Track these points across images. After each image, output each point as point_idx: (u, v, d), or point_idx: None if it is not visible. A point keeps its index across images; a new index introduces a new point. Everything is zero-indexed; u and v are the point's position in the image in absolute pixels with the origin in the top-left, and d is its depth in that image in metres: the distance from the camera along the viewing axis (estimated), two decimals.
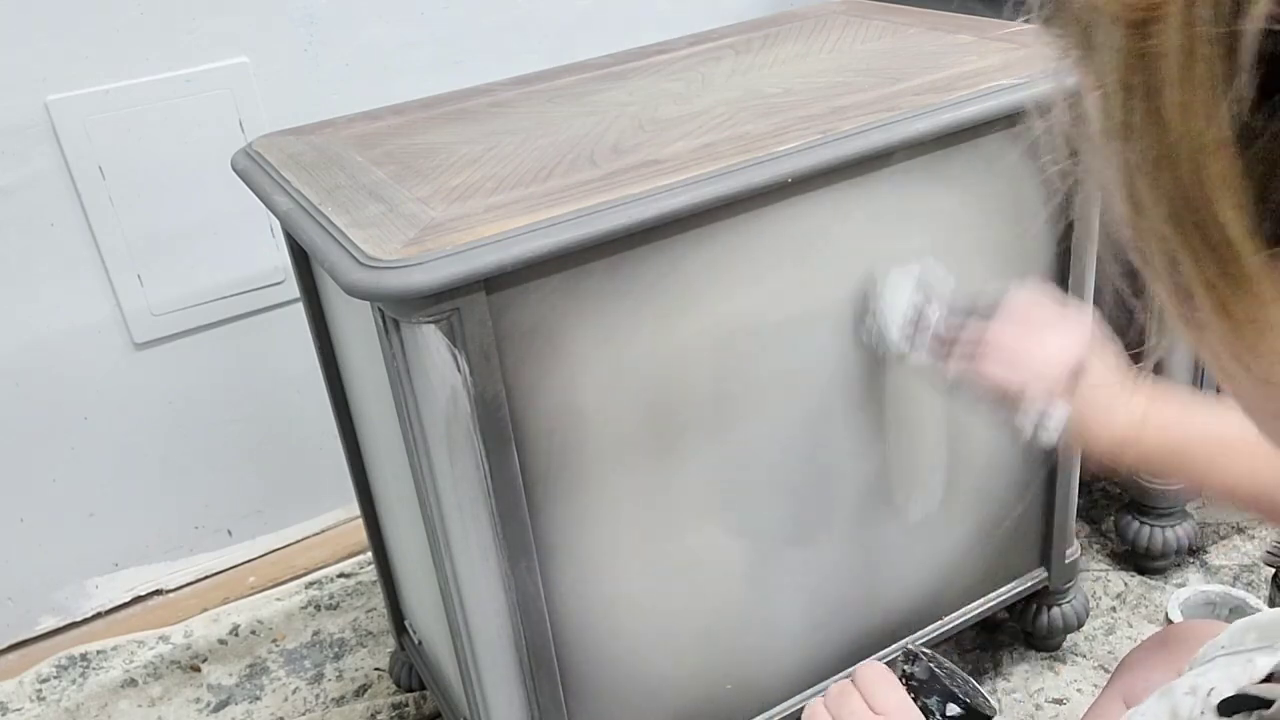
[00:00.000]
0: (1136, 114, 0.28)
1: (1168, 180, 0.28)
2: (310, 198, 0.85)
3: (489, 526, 0.81)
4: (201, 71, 1.29)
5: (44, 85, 1.22)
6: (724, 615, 0.98)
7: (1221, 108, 0.26)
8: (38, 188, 1.25)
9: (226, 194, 1.23)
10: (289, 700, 1.34)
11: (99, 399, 1.35)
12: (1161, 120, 0.27)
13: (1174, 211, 0.28)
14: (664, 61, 1.11)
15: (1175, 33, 0.26)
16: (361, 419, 1.07)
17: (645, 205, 0.77)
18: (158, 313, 1.35)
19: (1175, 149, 0.27)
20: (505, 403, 0.78)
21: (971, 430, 1.05)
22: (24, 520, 1.36)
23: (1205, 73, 0.26)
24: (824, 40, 1.11)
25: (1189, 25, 0.26)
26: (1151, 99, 0.28)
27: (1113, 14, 0.28)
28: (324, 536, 1.55)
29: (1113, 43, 0.29)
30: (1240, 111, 0.26)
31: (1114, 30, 0.28)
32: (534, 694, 0.88)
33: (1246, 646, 0.44)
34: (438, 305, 0.72)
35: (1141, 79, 0.28)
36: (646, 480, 0.88)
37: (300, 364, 1.38)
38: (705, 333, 0.86)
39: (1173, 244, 0.29)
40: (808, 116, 0.88)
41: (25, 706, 1.35)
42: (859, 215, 0.89)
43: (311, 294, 1.03)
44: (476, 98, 1.07)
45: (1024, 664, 1.26)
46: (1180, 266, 0.29)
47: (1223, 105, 0.26)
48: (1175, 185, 0.28)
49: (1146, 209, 0.29)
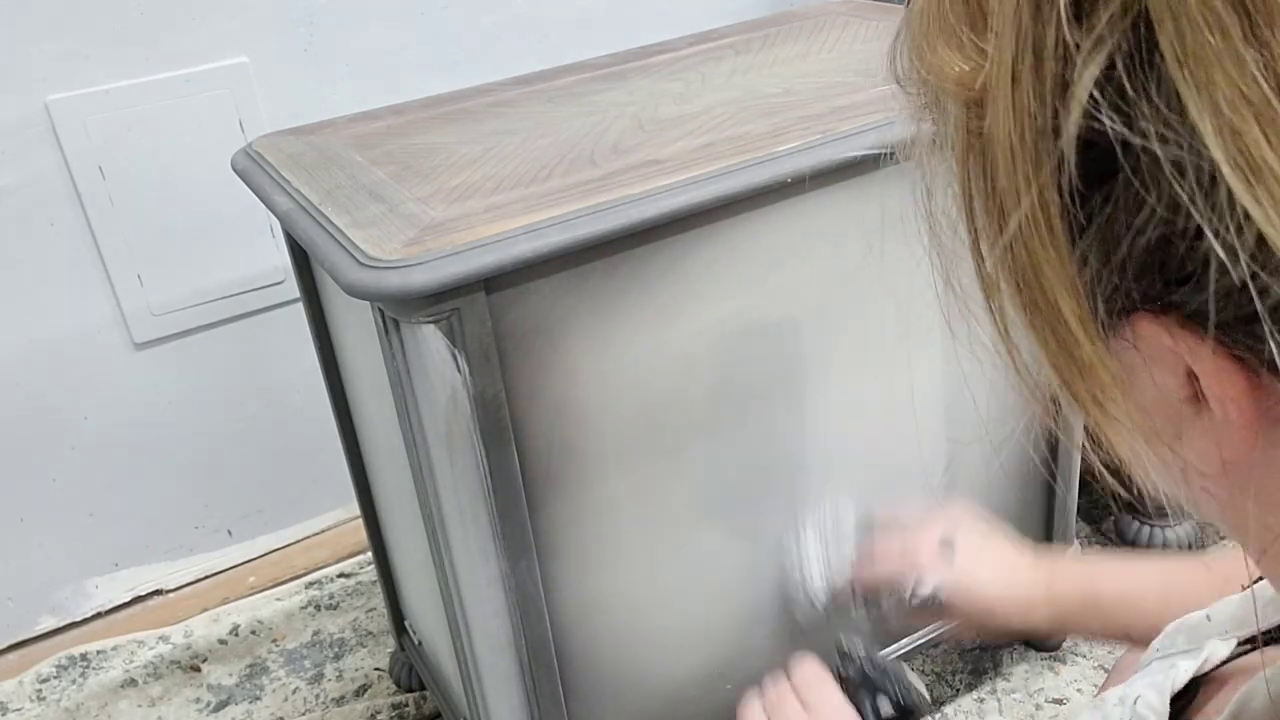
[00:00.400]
0: (976, 194, 0.28)
1: (1010, 263, 0.27)
2: (310, 198, 0.85)
3: (488, 526, 0.81)
4: (201, 71, 1.29)
5: (44, 85, 1.22)
6: (724, 615, 0.98)
7: (1049, 196, 0.25)
8: (38, 187, 1.25)
9: (226, 194, 1.23)
10: (289, 700, 1.34)
11: (99, 399, 1.35)
12: (997, 204, 0.27)
13: (1018, 292, 0.28)
14: (664, 61, 1.11)
15: (1003, 114, 0.25)
16: (361, 419, 1.07)
17: (645, 205, 0.77)
18: (158, 313, 1.35)
19: (1012, 235, 0.27)
20: (505, 403, 0.78)
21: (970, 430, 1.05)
22: (24, 520, 1.36)
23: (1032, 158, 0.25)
24: (824, 40, 1.11)
25: (1015, 108, 0.25)
26: (987, 180, 0.27)
27: (946, 89, 0.28)
28: (324, 536, 1.55)
29: (954, 118, 0.28)
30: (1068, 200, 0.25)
31: (952, 106, 0.28)
32: (534, 694, 0.88)
33: (1177, 649, 0.44)
34: (438, 305, 0.72)
35: (978, 159, 0.27)
36: (646, 480, 0.88)
37: (300, 364, 1.38)
38: (705, 333, 0.86)
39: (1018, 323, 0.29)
40: (808, 116, 0.88)
41: (25, 706, 1.35)
42: (859, 215, 0.89)
43: (311, 294, 1.03)
44: (476, 98, 1.07)
45: (1024, 664, 1.26)
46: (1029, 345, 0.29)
47: (1050, 193, 0.25)
48: (1017, 269, 0.27)
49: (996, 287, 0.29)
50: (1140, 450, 0.29)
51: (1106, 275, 0.26)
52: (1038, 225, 0.26)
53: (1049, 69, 0.24)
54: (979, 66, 0.26)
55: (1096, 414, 0.28)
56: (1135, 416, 0.29)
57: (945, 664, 1.28)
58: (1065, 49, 0.24)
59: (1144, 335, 0.27)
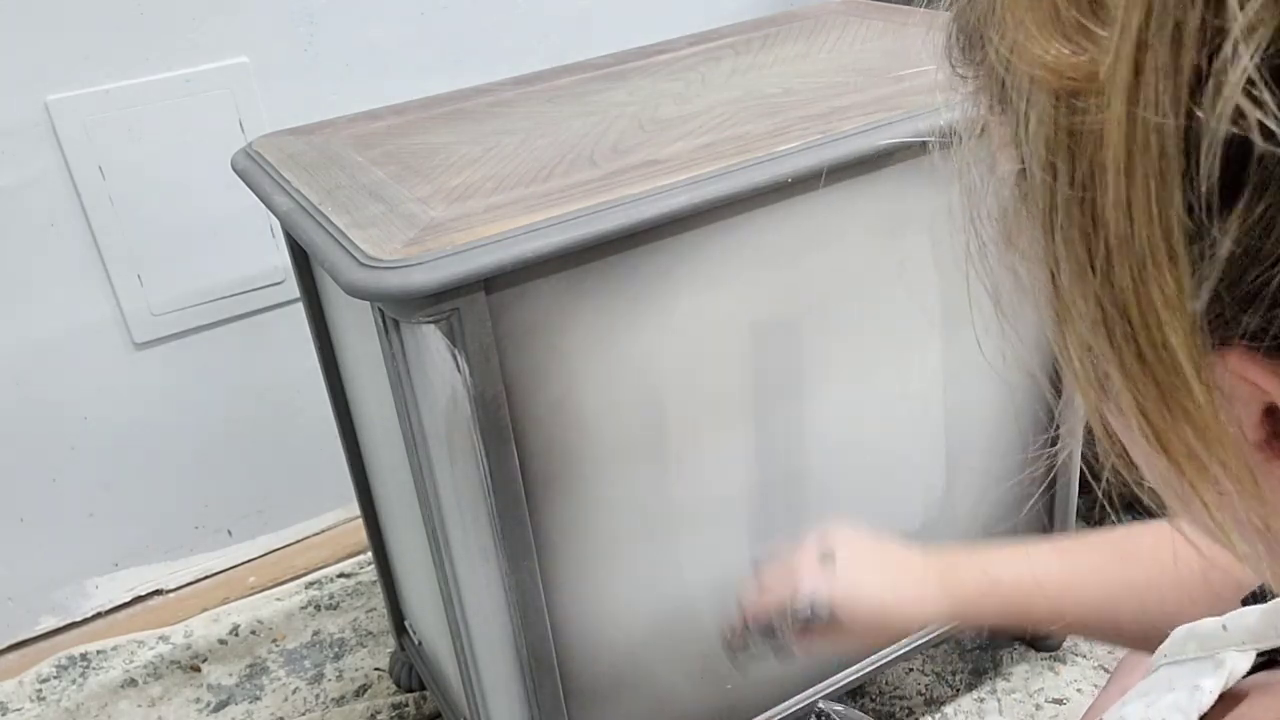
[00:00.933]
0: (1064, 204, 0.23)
1: (1099, 285, 0.23)
2: (310, 198, 0.85)
3: (488, 526, 0.81)
4: (201, 71, 1.29)
5: (44, 85, 1.22)
6: (724, 615, 0.98)
7: (1173, 213, 0.21)
8: (38, 188, 1.25)
9: (226, 194, 1.23)
10: (289, 700, 1.34)
11: (99, 399, 1.35)
12: (1095, 216, 0.23)
13: (1105, 320, 0.24)
14: (664, 61, 1.11)
15: (1117, 113, 0.21)
16: (361, 419, 1.07)
17: (645, 205, 0.77)
18: (158, 313, 1.35)
19: (1112, 253, 0.22)
20: (505, 403, 0.78)
21: (971, 429, 1.05)
22: (24, 520, 1.36)
23: (1154, 167, 0.21)
24: (824, 40, 1.11)
25: (1135, 105, 0.21)
26: (1084, 189, 0.23)
27: (1036, 77, 0.23)
28: (324, 536, 1.55)
29: (1036, 111, 0.24)
30: (1197, 216, 0.21)
31: (1038, 96, 0.23)
32: (534, 694, 0.88)
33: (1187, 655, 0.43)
34: (438, 305, 0.72)
35: (1071, 163, 0.23)
36: (646, 480, 0.88)
37: (300, 364, 1.38)
38: (705, 332, 0.86)
39: (1102, 358, 0.24)
40: (808, 116, 0.88)
41: (25, 706, 1.35)
42: (859, 215, 0.89)
43: (311, 294, 1.03)
44: (476, 98, 1.07)
45: (1024, 664, 1.26)
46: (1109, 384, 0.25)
47: (1174, 210, 0.21)
48: (1108, 293, 0.23)
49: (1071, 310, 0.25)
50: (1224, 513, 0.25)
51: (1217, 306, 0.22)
52: (1155, 248, 0.22)
53: (1188, 58, 0.20)
54: (1082, 51, 0.22)
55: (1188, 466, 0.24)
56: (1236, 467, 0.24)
57: (945, 664, 1.28)
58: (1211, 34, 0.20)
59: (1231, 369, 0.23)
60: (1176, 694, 0.41)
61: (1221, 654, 0.41)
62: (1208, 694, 0.40)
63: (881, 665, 1.10)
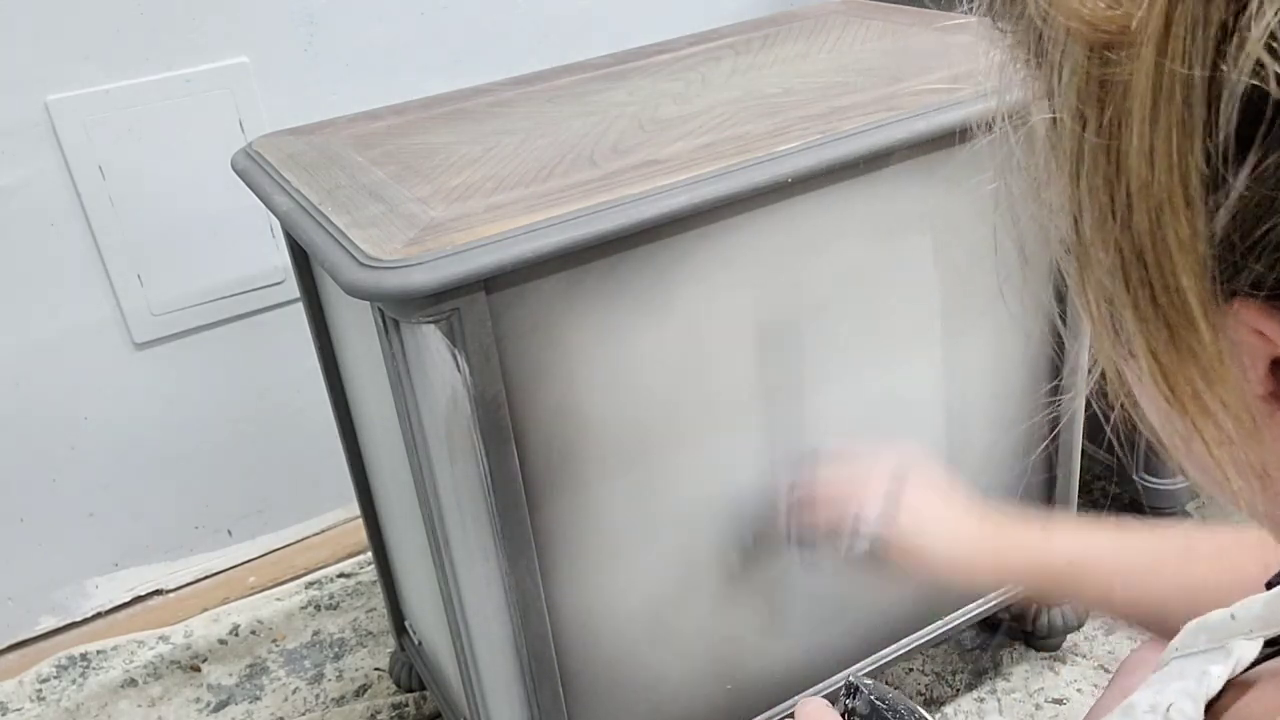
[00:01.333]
0: (1090, 151, 0.25)
1: (1119, 231, 0.25)
2: (310, 198, 0.85)
3: (488, 526, 0.81)
4: (201, 71, 1.29)
5: (44, 85, 1.22)
6: (724, 615, 0.98)
7: (1193, 160, 0.23)
8: (38, 188, 1.25)
9: (226, 194, 1.23)
10: (289, 700, 1.34)
11: (99, 399, 1.35)
12: (1119, 163, 0.24)
13: (1122, 265, 0.25)
14: (664, 61, 1.11)
15: (1146, 64, 0.22)
16: (361, 419, 1.07)
17: (645, 205, 0.77)
18: (158, 313, 1.35)
19: (1132, 198, 0.24)
20: (505, 403, 0.78)
21: (970, 431, 1.05)
22: (24, 520, 1.36)
23: (1177, 116, 0.22)
24: (824, 40, 1.11)
25: (1163, 57, 0.22)
26: (1110, 137, 0.24)
27: (1072, 29, 0.24)
28: (324, 536, 1.55)
29: (1070, 62, 0.25)
30: (1214, 164, 0.22)
31: (1073, 48, 0.25)
32: (534, 694, 0.88)
33: (1199, 648, 0.44)
34: (438, 305, 0.72)
35: (1100, 111, 0.24)
36: (646, 480, 0.88)
37: (300, 364, 1.38)
38: (705, 332, 0.86)
39: (1116, 300, 0.26)
40: (808, 116, 0.88)
41: (25, 706, 1.35)
42: (859, 215, 0.89)
43: (311, 294, 1.03)
44: (476, 98, 1.07)
45: (1024, 664, 1.26)
46: (1121, 326, 0.26)
47: (1194, 158, 0.23)
48: (1127, 238, 0.24)
49: (1091, 256, 0.26)
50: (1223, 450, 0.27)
51: (1229, 255, 0.23)
52: (1173, 193, 0.23)
53: (1216, 14, 0.21)
54: (1117, 5, 0.23)
55: (1192, 406, 0.26)
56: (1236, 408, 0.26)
57: (945, 664, 1.28)
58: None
59: (1242, 321, 0.24)
60: (1185, 681, 0.41)
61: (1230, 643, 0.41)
62: (1215, 679, 0.41)
63: (881, 665, 1.10)
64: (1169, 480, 1.29)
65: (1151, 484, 1.30)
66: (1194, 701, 0.40)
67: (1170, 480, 1.29)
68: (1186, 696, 0.41)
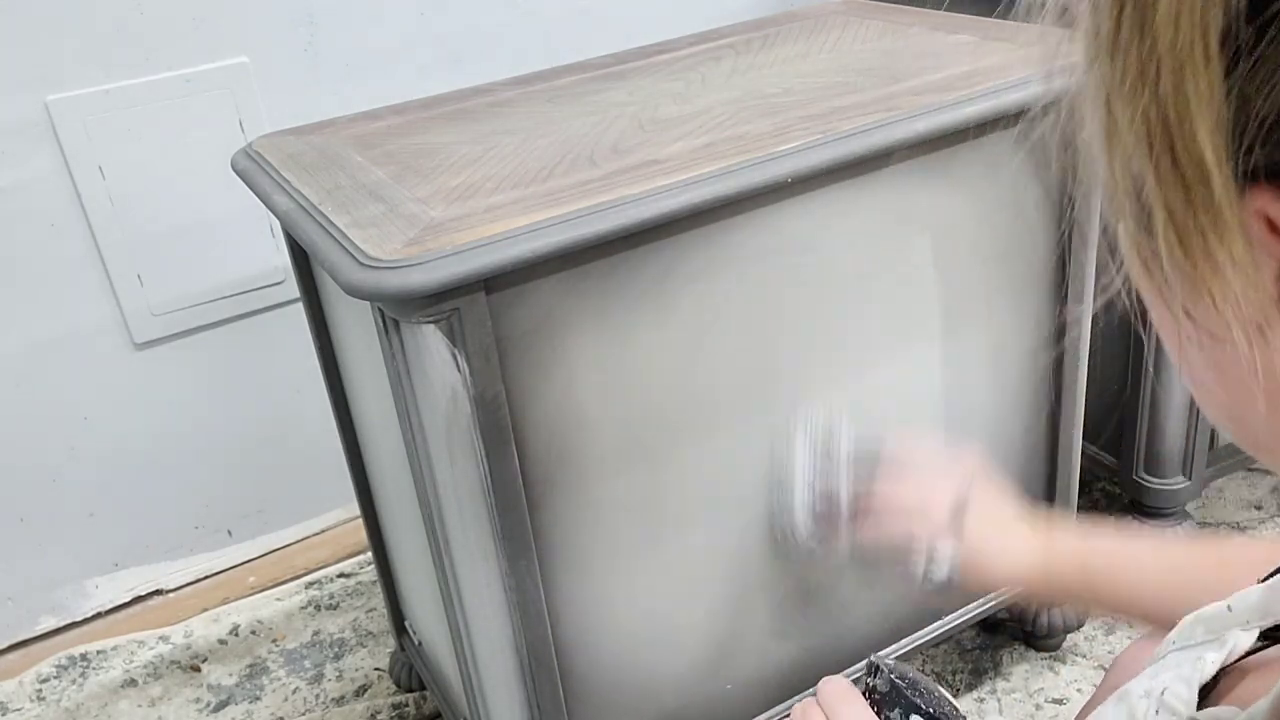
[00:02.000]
0: (1125, 24, 0.27)
1: (1146, 97, 0.27)
2: (310, 198, 0.85)
3: (488, 526, 0.81)
4: (201, 71, 1.29)
5: (44, 85, 1.22)
6: (724, 615, 0.98)
7: (1212, 18, 0.25)
8: (38, 188, 1.25)
9: (226, 194, 1.23)
10: (289, 700, 1.34)
11: (99, 399, 1.35)
12: (1149, 30, 0.27)
13: (1148, 130, 0.27)
14: (664, 61, 1.11)
15: None
16: (361, 419, 1.07)
17: (645, 205, 0.77)
18: (158, 313, 1.35)
19: (1160, 61, 0.26)
20: (505, 403, 0.78)
21: (970, 429, 1.05)
22: (24, 520, 1.36)
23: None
24: (824, 40, 1.11)
25: None
26: (1142, 8, 0.27)
27: None
28: (324, 536, 1.55)
29: None
30: (1231, 23, 0.25)
31: None
32: (534, 694, 0.88)
33: (1195, 640, 0.44)
34: (438, 305, 0.72)
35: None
36: (646, 480, 0.88)
37: (300, 364, 1.38)
38: (705, 332, 0.86)
39: (1141, 166, 0.28)
40: (808, 116, 0.88)
41: (25, 706, 1.35)
42: (859, 215, 0.89)
43: (311, 294, 1.03)
44: (476, 98, 1.07)
45: (1024, 664, 1.26)
46: (1144, 192, 0.29)
47: (1214, 15, 0.25)
48: (1153, 102, 0.27)
49: (1120, 131, 0.29)
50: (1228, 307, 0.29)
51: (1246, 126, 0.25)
52: (1194, 50, 0.25)
53: None
54: None
55: (1205, 269, 0.28)
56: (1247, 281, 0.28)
57: (945, 664, 1.28)
58: None
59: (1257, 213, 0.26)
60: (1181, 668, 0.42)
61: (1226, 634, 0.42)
62: (1210, 664, 0.42)
63: None
64: (1169, 480, 1.29)
65: (1151, 484, 1.30)
66: (1188, 685, 0.41)
67: (1170, 480, 1.29)
68: (1181, 681, 0.41)
